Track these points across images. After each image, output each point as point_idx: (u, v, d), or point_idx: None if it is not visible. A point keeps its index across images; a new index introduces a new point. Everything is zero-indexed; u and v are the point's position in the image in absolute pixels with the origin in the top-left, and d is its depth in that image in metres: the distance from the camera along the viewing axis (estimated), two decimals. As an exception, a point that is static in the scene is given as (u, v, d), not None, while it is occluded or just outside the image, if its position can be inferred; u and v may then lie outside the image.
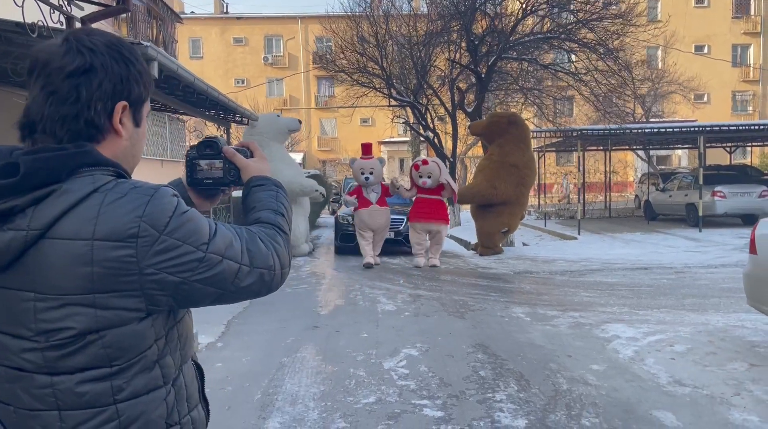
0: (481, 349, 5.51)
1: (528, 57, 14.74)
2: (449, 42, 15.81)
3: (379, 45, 17.36)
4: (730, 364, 4.93)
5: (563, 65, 15.56)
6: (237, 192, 1.56)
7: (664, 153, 33.38)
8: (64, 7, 4.58)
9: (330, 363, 5.19)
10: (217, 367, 5.11)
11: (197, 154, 1.35)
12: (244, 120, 11.44)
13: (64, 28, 4.48)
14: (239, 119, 11.34)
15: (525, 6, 13.62)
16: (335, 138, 40.71)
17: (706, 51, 36.43)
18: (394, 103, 19.27)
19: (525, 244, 13.75)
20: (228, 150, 1.36)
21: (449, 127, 18.07)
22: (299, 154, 34.75)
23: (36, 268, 1.03)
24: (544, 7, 13.88)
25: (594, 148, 21.54)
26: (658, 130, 17.34)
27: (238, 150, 1.38)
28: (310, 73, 39.45)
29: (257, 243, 1.18)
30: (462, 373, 4.82)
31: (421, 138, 20.85)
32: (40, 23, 4.18)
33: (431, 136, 18.05)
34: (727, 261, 10.46)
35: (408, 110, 20.70)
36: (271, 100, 38.47)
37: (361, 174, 10.82)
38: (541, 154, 19.99)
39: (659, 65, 28.85)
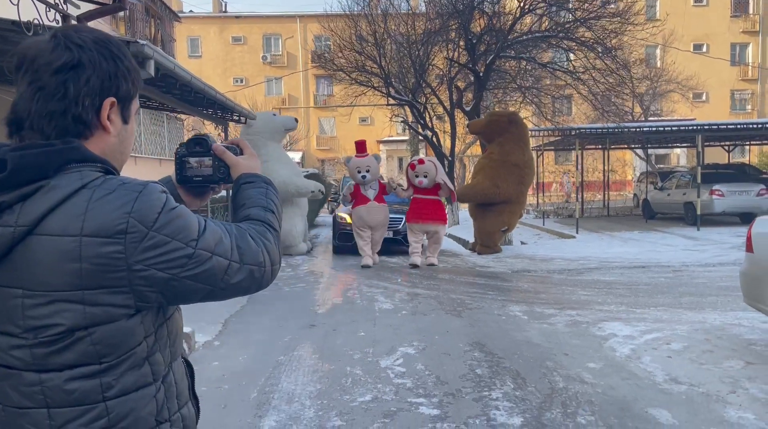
0: (478, 347, 5.52)
1: (526, 56, 14.73)
2: (447, 41, 15.79)
3: (378, 44, 17.35)
4: (726, 362, 4.94)
5: (561, 64, 15.55)
6: None
7: (662, 152, 33.41)
8: (60, 6, 4.58)
9: (327, 361, 5.19)
10: (214, 366, 5.11)
11: (187, 151, 1.34)
12: (242, 119, 11.42)
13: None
14: (237, 118, 11.32)
15: (523, 4, 13.62)
16: (334, 137, 40.72)
17: (704, 50, 36.44)
18: (392, 102, 19.26)
19: (523, 243, 13.76)
20: (217, 147, 1.36)
21: (448, 126, 18.07)
22: (298, 153, 34.76)
23: (24, 265, 1.03)
24: (542, 5, 13.87)
25: (592, 146, 21.54)
26: (656, 129, 17.35)
27: (228, 147, 1.37)
28: (309, 72, 39.47)
29: (247, 240, 1.18)
30: (458, 372, 4.82)
31: (420, 137, 20.85)
32: (36, 22, 4.17)
33: (430, 135, 18.05)
34: (725, 259, 10.47)
35: (406, 109, 20.70)
36: (269, 99, 38.44)
37: (358, 172, 10.79)
38: (540, 153, 20.00)
39: (658, 64, 28.84)
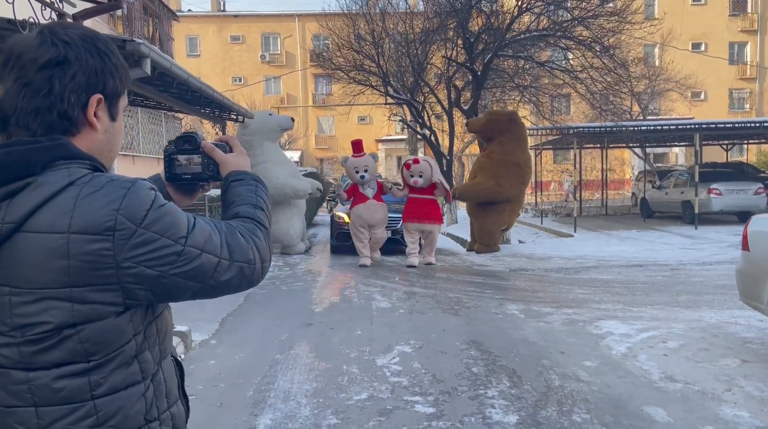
0: (475, 345, 5.52)
1: (524, 54, 14.74)
2: (445, 40, 15.78)
3: (376, 43, 17.33)
4: (722, 360, 4.95)
5: (559, 63, 15.55)
6: None
7: (660, 151, 33.43)
8: (56, 4, 4.57)
9: (323, 360, 5.19)
10: (210, 365, 5.11)
11: (175, 149, 1.34)
12: (240, 118, 11.40)
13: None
14: (235, 117, 11.29)
15: (521, 3, 13.62)
16: (333, 136, 40.70)
17: (702, 49, 36.46)
18: (391, 101, 19.25)
19: (521, 242, 13.77)
20: (206, 145, 1.35)
21: (446, 124, 18.06)
22: (297, 152, 34.77)
23: (11, 262, 1.02)
24: (540, 4, 13.87)
25: (591, 145, 21.56)
26: (654, 128, 17.35)
27: (217, 145, 1.37)
28: (308, 71, 39.41)
29: (237, 237, 1.17)
30: (454, 370, 4.82)
31: (418, 136, 20.83)
32: (32, 20, 4.16)
33: (428, 133, 18.04)
34: (722, 258, 10.48)
35: (405, 108, 20.69)
36: (268, 98, 38.43)
37: (356, 172, 10.73)
38: (538, 152, 20.01)
39: (656, 63, 28.85)
